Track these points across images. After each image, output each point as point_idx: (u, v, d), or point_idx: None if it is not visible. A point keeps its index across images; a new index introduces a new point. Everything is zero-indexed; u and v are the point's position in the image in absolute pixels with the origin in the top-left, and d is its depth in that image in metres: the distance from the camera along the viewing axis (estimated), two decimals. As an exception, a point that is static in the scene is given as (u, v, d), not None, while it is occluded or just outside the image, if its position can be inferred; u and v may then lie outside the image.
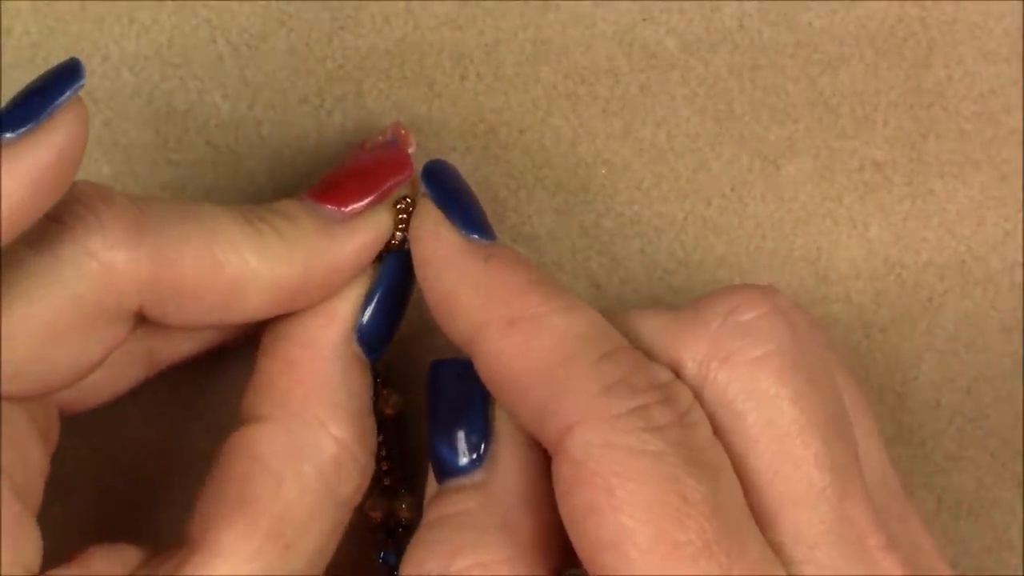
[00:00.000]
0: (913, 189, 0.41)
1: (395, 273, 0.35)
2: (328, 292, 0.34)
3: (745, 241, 0.41)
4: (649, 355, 0.31)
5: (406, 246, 0.35)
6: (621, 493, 0.28)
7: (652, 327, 0.32)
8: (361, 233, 0.35)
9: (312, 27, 0.39)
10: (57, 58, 0.38)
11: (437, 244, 0.33)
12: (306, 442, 0.33)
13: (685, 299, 0.41)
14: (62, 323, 0.31)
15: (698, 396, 0.31)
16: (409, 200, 0.36)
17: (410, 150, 0.37)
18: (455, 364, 0.34)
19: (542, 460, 0.32)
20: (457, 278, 0.33)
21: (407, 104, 0.39)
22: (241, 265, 0.33)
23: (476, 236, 0.33)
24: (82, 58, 0.38)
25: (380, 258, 0.36)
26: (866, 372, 0.41)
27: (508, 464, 0.32)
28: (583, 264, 0.40)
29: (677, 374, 0.31)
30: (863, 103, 0.41)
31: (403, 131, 0.37)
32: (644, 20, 0.40)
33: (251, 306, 0.33)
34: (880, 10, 0.40)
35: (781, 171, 0.41)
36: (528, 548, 0.31)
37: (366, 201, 0.35)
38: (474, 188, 0.39)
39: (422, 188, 0.35)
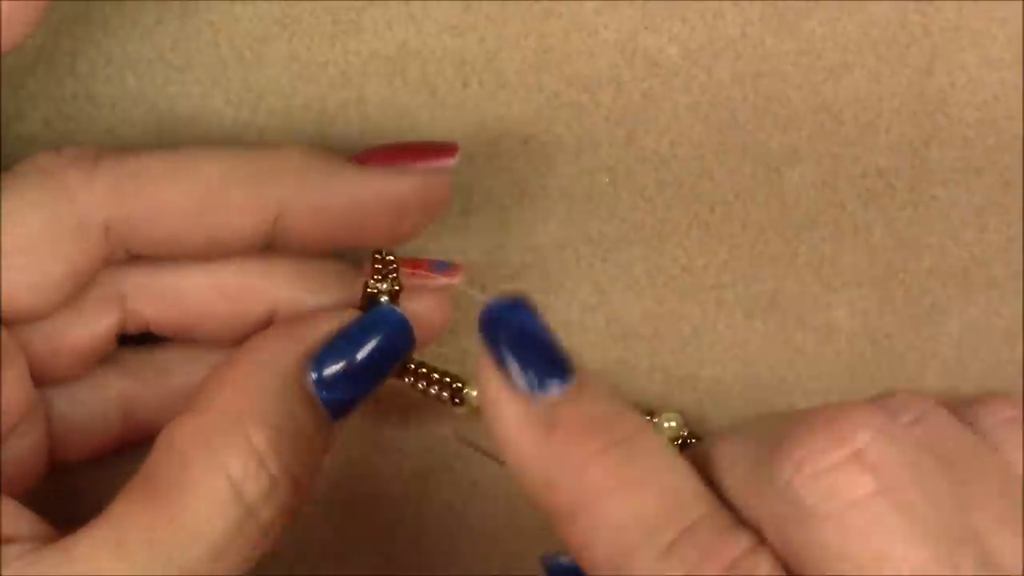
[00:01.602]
0: (916, 196, 0.41)
1: (377, 329, 0.34)
2: (325, 234, 0.35)
3: (748, 247, 0.41)
4: (735, 504, 0.29)
5: (383, 301, 0.35)
6: None
7: (736, 474, 0.29)
8: (366, 179, 0.35)
9: (314, 32, 0.39)
10: (59, 60, 0.38)
11: (497, 420, 0.30)
12: (220, 438, 0.32)
13: (689, 306, 0.41)
14: (20, 232, 0.33)
15: (783, 557, 0.28)
16: (391, 258, 0.35)
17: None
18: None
19: None
20: (517, 461, 0.30)
21: (409, 111, 0.39)
22: (215, 181, 0.34)
23: (548, 384, 0.30)
24: (85, 61, 0.38)
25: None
26: (871, 380, 0.41)
27: None
28: (587, 271, 0.40)
29: (760, 528, 0.28)
30: (866, 110, 0.41)
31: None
32: (646, 28, 0.40)
33: (230, 230, 0.34)
34: (883, 17, 0.40)
35: (784, 178, 0.41)
36: None
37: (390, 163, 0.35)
38: (477, 197, 0.40)
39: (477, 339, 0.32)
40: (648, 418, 0.40)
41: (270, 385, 0.33)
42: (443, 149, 0.36)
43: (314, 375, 0.33)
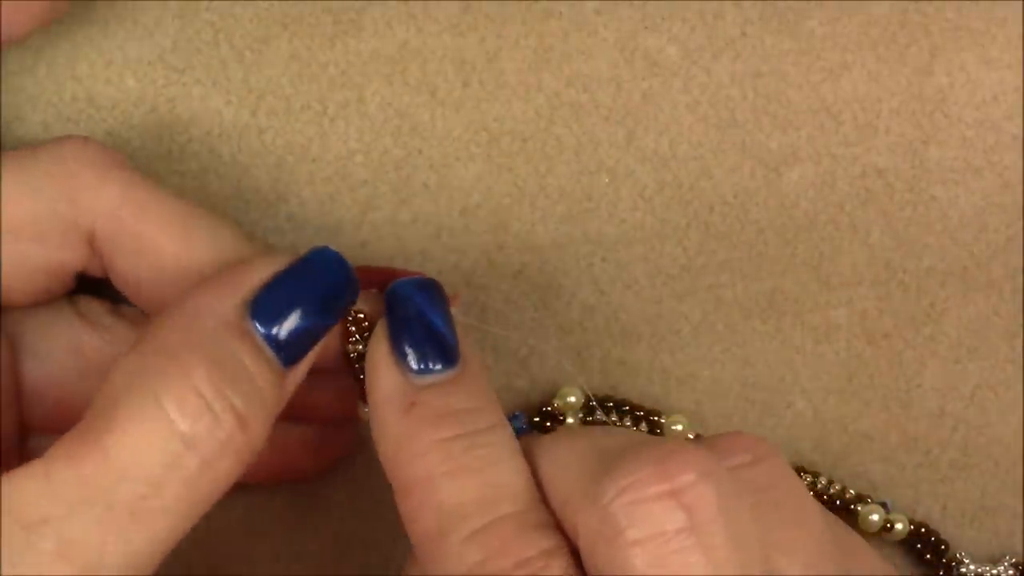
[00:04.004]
0: (915, 195, 0.41)
1: (314, 268, 0.34)
2: None
3: (747, 247, 0.41)
4: (558, 508, 0.31)
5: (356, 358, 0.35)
6: None
7: (566, 481, 0.31)
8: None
9: (314, 32, 0.39)
10: (60, 63, 0.38)
11: (373, 386, 0.33)
12: (155, 373, 0.31)
13: (688, 304, 0.41)
14: (12, 213, 0.33)
15: (589, 565, 0.30)
16: (362, 316, 0.35)
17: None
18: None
19: None
20: (377, 428, 0.33)
21: (409, 111, 0.39)
22: (205, 258, 0.34)
23: (429, 368, 0.32)
24: (86, 63, 0.38)
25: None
26: (870, 379, 0.41)
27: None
28: (587, 270, 0.40)
29: (574, 536, 0.30)
30: (865, 110, 0.41)
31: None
32: (646, 28, 0.40)
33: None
34: (882, 17, 0.40)
35: (783, 178, 0.41)
36: None
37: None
38: (477, 197, 0.40)
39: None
40: (655, 418, 0.40)
41: (209, 325, 0.32)
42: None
43: (252, 317, 0.32)
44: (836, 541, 0.31)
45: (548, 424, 0.40)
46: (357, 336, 0.35)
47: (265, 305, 0.33)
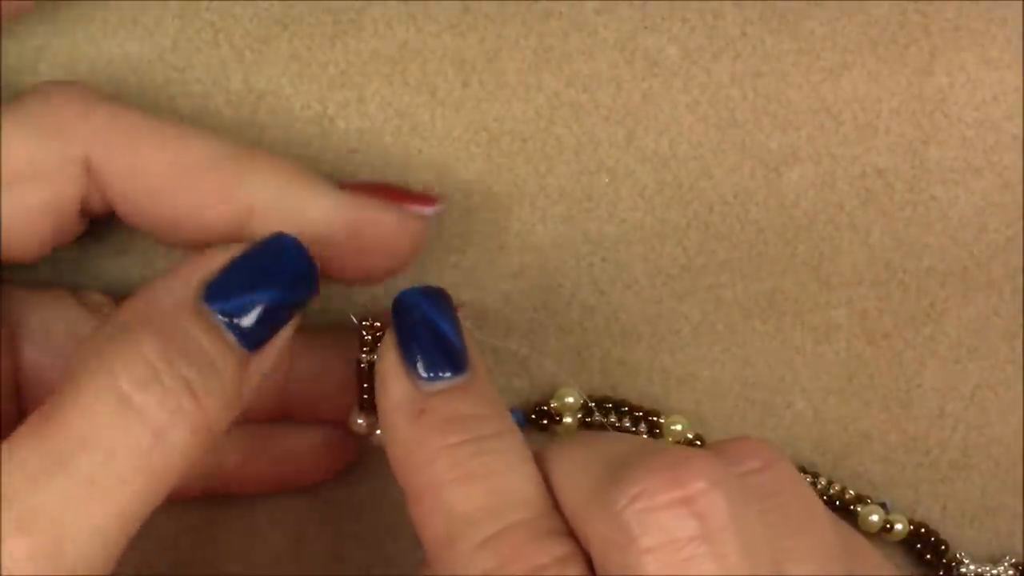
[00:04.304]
0: (915, 196, 0.41)
1: (270, 253, 0.34)
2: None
3: (747, 247, 0.41)
4: (571, 515, 0.31)
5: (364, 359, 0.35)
6: None
7: (578, 488, 0.31)
8: (344, 203, 0.35)
9: (314, 32, 0.39)
10: (60, 62, 0.38)
11: (382, 394, 0.33)
12: (109, 347, 0.31)
13: (688, 304, 0.41)
14: (8, 153, 0.33)
15: (602, 572, 0.30)
16: (378, 324, 0.35)
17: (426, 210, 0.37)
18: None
19: None
20: (388, 435, 0.33)
21: (409, 111, 0.39)
22: (198, 161, 0.34)
23: (438, 376, 0.33)
24: (86, 61, 0.38)
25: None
26: (870, 379, 0.41)
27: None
28: (587, 271, 0.40)
29: (587, 544, 0.30)
30: (865, 110, 0.41)
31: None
32: (646, 28, 0.40)
33: (196, 213, 0.34)
34: (882, 17, 0.40)
35: (783, 178, 0.41)
36: None
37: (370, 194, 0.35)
38: (477, 197, 0.40)
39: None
40: (654, 419, 0.40)
41: (163, 305, 0.32)
42: (425, 197, 0.37)
43: (206, 299, 0.33)
44: (845, 546, 0.31)
45: (545, 422, 0.40)
46: (370, 347, 0.35)
47: (219, 287, 0.33)
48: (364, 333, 0.35)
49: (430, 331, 0.33)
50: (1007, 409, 0.42)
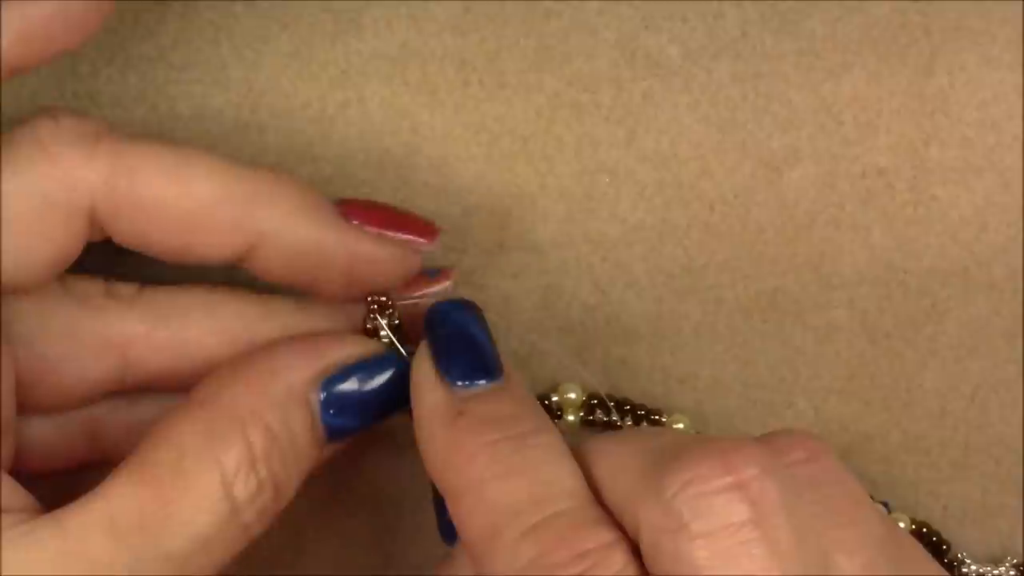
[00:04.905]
0: (916, 196, 0.41)
1: (392, 369, 0.35)
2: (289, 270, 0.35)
3: (748, 247, 0.41)
4: (616, 506, 0.31)
5: (382, 335, 0.36)
6: None
7: (623, 479, 0.31)
8: (348, 237, 0.35)
9: (314, 31, 0.39)
10: (61, 61, 0.38)
11: (418, 402, 0.34)
12: (219, 434, 0.32)
13: (688, 304, 0.41)
14: (8, 210, 0.33)
15: (651, 560, 0.30)
16: (386, 300, 0.36)
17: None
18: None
19: None
20: (424, 442, 0.33)
21: (409, 111, 0.39)
22: (207, 198, 0.34)
23: (475, 381, 0.33)
24: (86, 61, 0.38)
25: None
26: (871, 379, 0.41)
27: None
28: (587, 271, 0.40)
29: (634, 533, 0.30)
30: (866, 110, 0.41)
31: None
32: (647, 28, 0.40)
33: (205, 247, 0.34)
34: (883, 17, 0.40)
35: (784, 178, 0.41)
36: None
37: (373, 226, 0.36)
38: (476, 197, 0.40)
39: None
40: (656, 418, 0.40)
41: (276, 393, 0.33)
42: (425, 228, 0.37)
43: (322, 395, 0.34)
44: (891, 539, 0.31)
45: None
46: (378, 313, 0.36)
47: (336, 388, 0.34)
48: (371, 303, 0.36)
49: (464, 340, 0.34)
50: (1008, 409, 0.42)
